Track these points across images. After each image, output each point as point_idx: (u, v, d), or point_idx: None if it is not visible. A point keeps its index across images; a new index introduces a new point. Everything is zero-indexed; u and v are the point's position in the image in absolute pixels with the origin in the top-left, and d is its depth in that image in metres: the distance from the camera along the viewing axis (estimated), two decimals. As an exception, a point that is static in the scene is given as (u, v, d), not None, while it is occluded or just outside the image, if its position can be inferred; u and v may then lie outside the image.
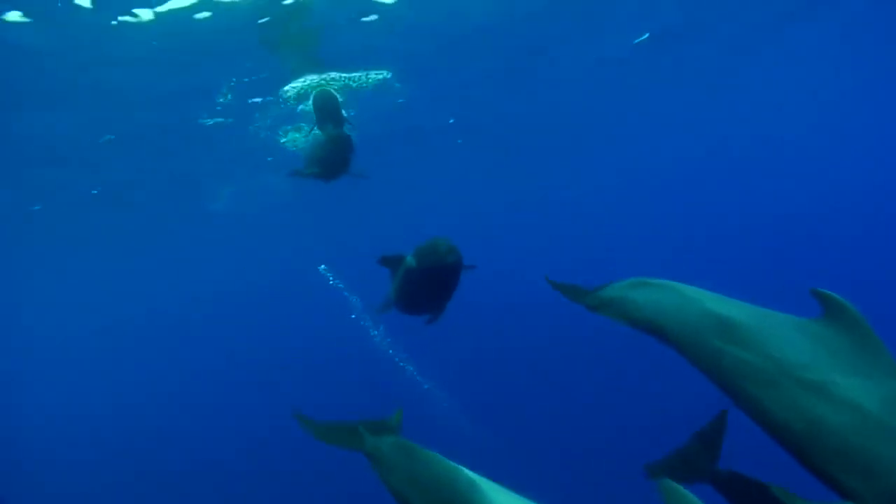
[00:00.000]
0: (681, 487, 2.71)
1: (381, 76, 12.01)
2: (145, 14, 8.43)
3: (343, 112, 9.78)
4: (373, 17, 10.07)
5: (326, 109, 9.39)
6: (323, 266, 13.21)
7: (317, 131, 9.71)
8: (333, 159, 7.83)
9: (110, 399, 26.87)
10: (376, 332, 13.08)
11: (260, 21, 9.19)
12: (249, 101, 12.64)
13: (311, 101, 11.32)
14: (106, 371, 32.19)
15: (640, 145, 28.35)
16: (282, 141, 15.68)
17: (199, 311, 38.40)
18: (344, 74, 11.30)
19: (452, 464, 3.28)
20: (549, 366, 18.06)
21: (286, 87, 12.00)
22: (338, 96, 10.18)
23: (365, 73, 11.67)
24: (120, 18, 8.43)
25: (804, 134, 31.98)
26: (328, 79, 11.40)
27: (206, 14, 8.79)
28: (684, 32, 14.83)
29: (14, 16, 7.83)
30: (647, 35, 14.69)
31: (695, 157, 33.62)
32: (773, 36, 16.86)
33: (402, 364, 14.19)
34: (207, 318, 36.75)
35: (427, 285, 5.06)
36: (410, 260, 4.95)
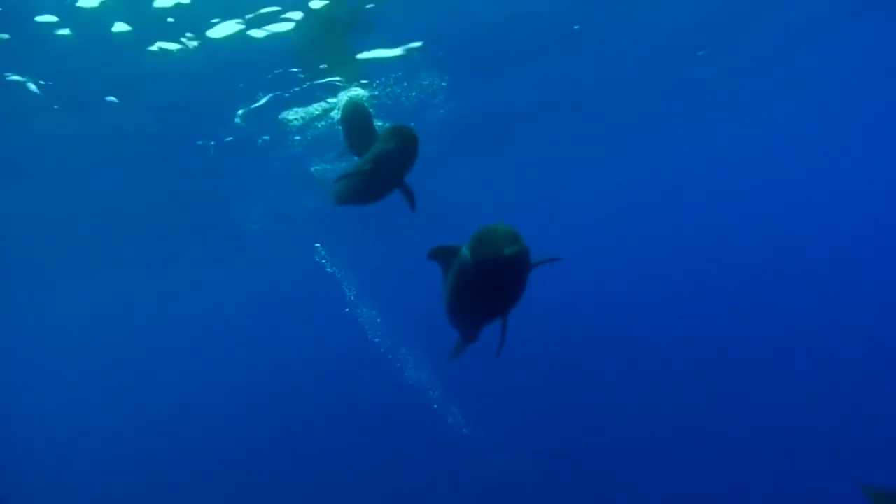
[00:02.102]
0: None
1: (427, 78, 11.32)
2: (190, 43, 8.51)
3: (376, 125, 8.56)
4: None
5: (356, 125, 8.00)
6: (318, 245, 12.81)
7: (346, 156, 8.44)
8: (396, 158, 5.72)
9: (126, 401, 27.33)
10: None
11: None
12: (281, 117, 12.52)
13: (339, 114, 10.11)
14: (118, 376, 32.72)
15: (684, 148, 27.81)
16: (312, 169, 15.63)
17: (232, 324, 38.83)
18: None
19: None
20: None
21: (290, 113, 11.65)
22: (370, 110, 8.82)
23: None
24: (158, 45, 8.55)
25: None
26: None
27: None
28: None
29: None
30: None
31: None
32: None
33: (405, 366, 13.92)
34: (240, 334, 37.13)
35: (481, 286, 3.77)
36: (466, 252, 3.79)
